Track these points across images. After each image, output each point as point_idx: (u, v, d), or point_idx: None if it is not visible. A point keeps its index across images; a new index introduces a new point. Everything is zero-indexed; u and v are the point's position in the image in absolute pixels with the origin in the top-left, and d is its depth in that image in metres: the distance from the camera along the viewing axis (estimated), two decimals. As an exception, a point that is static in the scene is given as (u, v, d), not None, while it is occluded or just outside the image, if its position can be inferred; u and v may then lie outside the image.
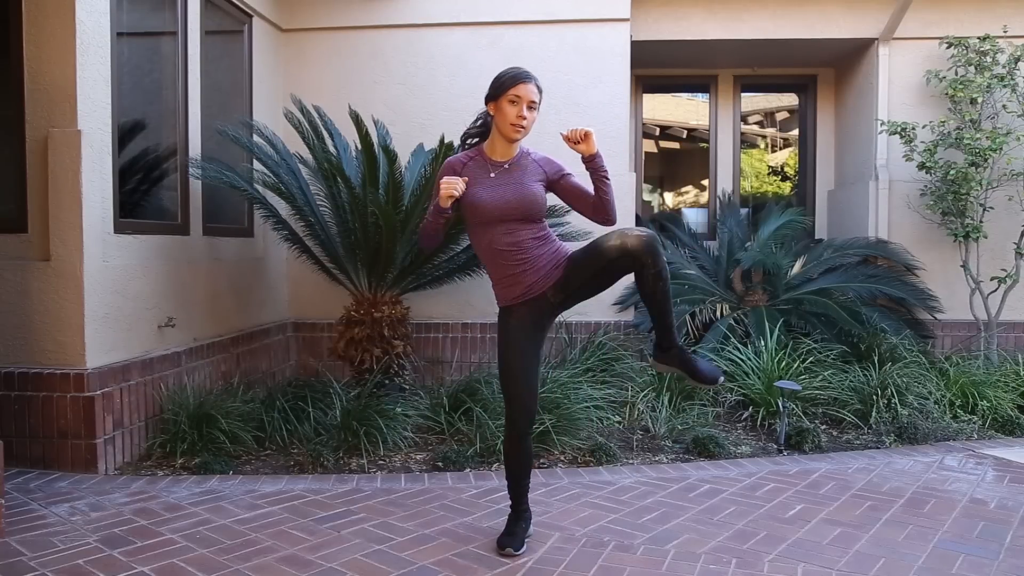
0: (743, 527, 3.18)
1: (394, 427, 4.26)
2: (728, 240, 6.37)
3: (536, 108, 2.85)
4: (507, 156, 2.90)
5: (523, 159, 2.92)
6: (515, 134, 2.83)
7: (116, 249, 4.01)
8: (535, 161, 2.93)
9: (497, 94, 2.84)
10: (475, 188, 2.84)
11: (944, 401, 4.82)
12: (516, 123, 2.80)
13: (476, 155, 2.93)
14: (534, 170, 2.90)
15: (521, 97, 2.80)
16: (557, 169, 2.93)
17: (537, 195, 2.85)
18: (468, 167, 2.90)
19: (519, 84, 2.81)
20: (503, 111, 2.82)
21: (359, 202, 4.60)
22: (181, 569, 2.75)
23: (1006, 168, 5.70)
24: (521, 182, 2.85)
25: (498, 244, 2.83)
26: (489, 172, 2.87)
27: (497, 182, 2.85)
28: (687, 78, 7.40)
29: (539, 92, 2.86)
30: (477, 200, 2.82)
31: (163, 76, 4.61)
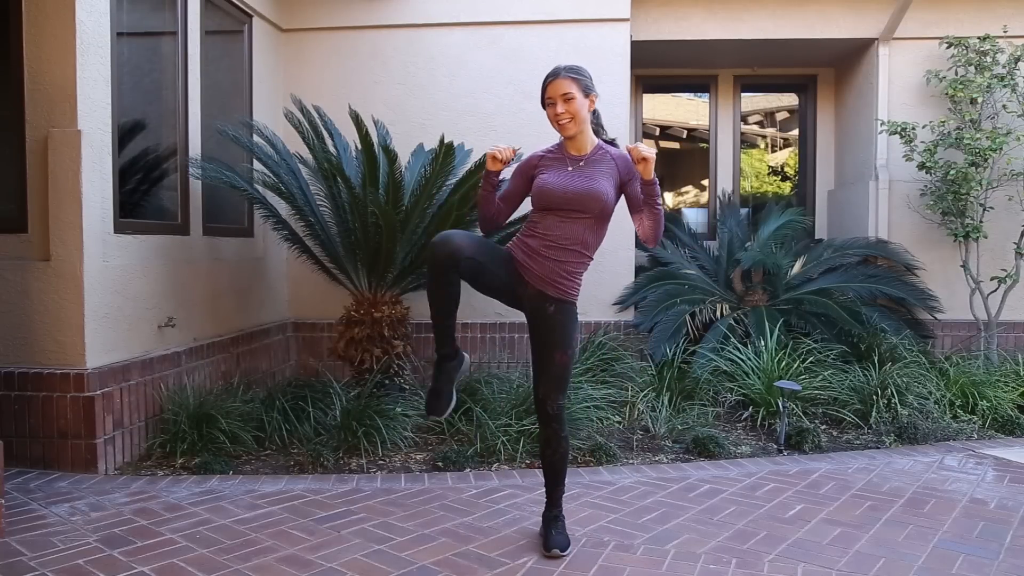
0: (743, 527, 3.18)
1: (394, 427, 4.26)
2: (728, 240, 6.37)
3: (574, 98, 2.84)
4: (580, 151, 2.93)
5: (601, 156, 2.93)
6: (563, 131, 2.89)
7: (116, 249, 4.01)
8: (613, 158, 2.93)
9: (542, 103, 2.93)
10: (548, 175, 2.89)
11: (944, 401, 4.82)
12: (557, 119, 2.86)
13: (556, 150, 2.98)
14: (609, 168, 2.90)
15: (552, 97, 2.86)
16: (630, 170, 2.91)
17: (604, 191, 2.85)
18: (546, 158, 2.96)
19: (547, 86, 2.89)
20: (548, 115, 2.91)
21: (359, 202, 4.60)
22: (181, 569, 2.76)
23: (1006, 168, 5.70)
24: (592, 177, 2.87)
25: (548, 228, 2.86)
26: (567, 166, 2.91)
27: (570, 174, 2.88)
28: (687, 78, 7.40)
29: (573, 81, 2.85)
30: (545, 184, 2.86)
31: (163, 76, 4.61)
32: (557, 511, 3.02)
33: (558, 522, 2.99)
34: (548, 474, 3.03)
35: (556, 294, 2.89)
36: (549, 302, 2.89)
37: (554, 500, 3.03)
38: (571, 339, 2.92)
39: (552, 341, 2.90)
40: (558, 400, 2.91)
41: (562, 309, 2.90)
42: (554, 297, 2.89)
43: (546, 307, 2.90)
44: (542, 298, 2.90)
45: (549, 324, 2.90)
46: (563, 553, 2.87)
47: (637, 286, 5.92)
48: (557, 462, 2.98)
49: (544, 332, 2.91)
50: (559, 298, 2.90)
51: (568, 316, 2.91)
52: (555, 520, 2.99)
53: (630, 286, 5.92)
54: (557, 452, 2.96)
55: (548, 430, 2.94)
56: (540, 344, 2.94)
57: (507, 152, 2.86)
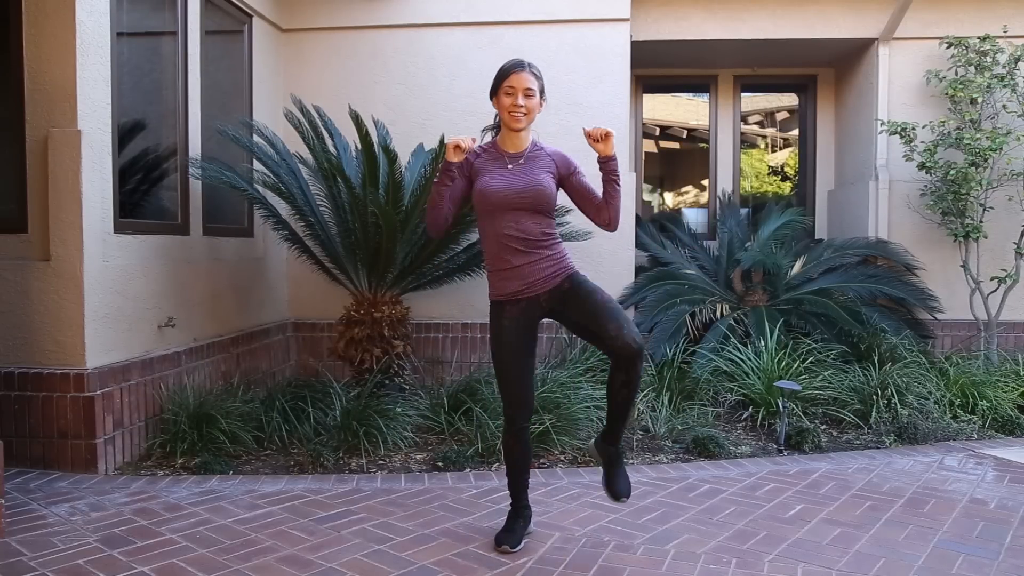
0: (743, 527, 3.18)
1: (394, 427, 4.26)
2: (728, 240, 6.37)
3: (534, 95, 2.86)
4: (519, 148, 2.93)
5: (536, 152, 2.94)
6: (514, 123, 2.87)
7: (116, 249, 4.01)
8: (548, 155, 2.95)
9: (495, 89, 2.92)
10: (487, 177, 2.88)
11: (944, 401, 4.82)
12: (512, 111, 2.85)
13: (490, 147, 2.98)
14: (546, 163, 2.92)
15: (515, 87, 2.85)
16: (569, 165, 2.96)
17: (546, 186, 2.86)
18: (481, 157, 2.95)
19: (511, 75, 2.87)
20: (501, 103, 2.89)
21: (359, 202, 4.60)
22: (181, 569, 2.75)
23: (1006, 168, 5.70)
24: (532, 173, 2.87)
25: (504, 233, 2.85)
26: (505, 163, 2.90)
27: (510, 172, 2.88)
28: (687, 78, 7.40)
29: (536, 79, 2.87)
30: (487, 187, 2.85)
31: (163, 76, 4.61)
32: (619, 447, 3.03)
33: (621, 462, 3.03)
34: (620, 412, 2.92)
35: (561, 280, 2.89)
36: (562, 287, 2.88)
37: (618, 435, 3.01)
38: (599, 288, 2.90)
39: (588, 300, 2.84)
40: (634, 330, 2.79)
41: (577, 280, 2.90)
42: (562, 283, 2.89)
43: (564, 291, 2.88)
44: (556, 291, 2.89)
45: (577, 297, 2.86)
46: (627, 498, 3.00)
47: (637, 286, 5.92)
48: (632, 399, 2.89)
49: (578, 304, 2.86)
50: (566, 278, 2.89)
51: (582, 280, 2.90)
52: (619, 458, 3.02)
53: (630, 286, 5.92)
54: (636, 391, 2.89)
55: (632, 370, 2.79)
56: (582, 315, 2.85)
57: (468, 141, 2.85)
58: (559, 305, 2.91)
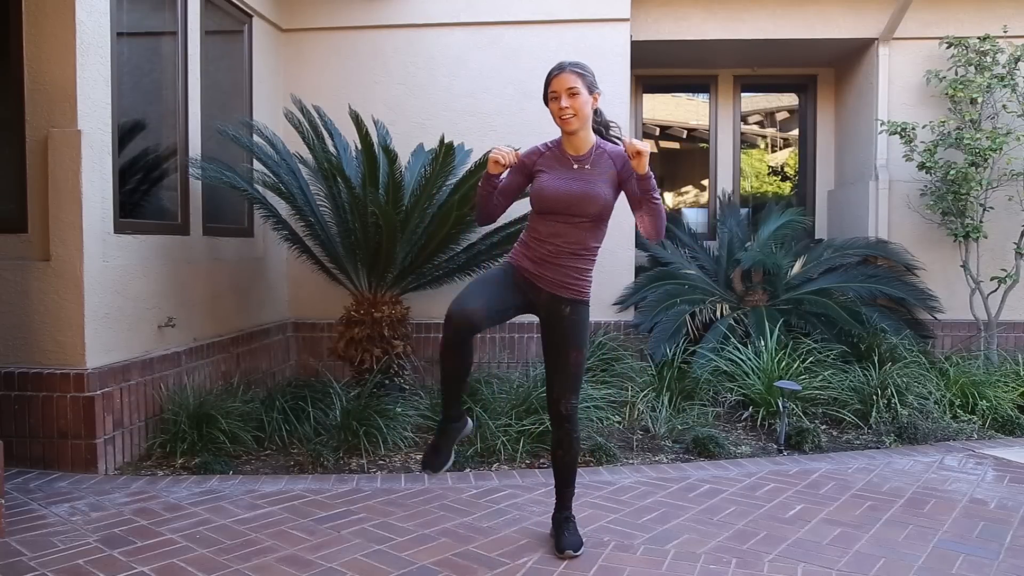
0: (743, 527, 3.18)
1: (394, 427, 4.26)
2: (728, 240, 6.37)
3: (579, 92, 2.80)
4: (579, 151, 2.88)
5: (599, 156, 2.88)
6: (565, 126, 2.83)
7: (116, 249, 4.01)
8: (609, 156, 2.89)
9: (544, 100, 2.90)
10: (547, 176, 2.85)
11: (944, 401, 4.82)
12: (561, 114, 2.81)
13: (555, 147, 2.93)
14: (606, 166, 2.86)
15: (557, 91, 2.81)
16: (628, 169, 2.85)
17: (602, 195, 2.82)
18: (545, 155, 2.92)
19: (551, 80, 2.84)
20: (551, 111, 2.87)
21: (359, 202, 4.60)
22: (181, 569, 2.75)
23: (1006, 168, 5.70)
24: (591, 180, 2.83)
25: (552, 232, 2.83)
26: (571, 165, 2.87)
27: (571, 176, 2.84)
28: (687, 78, 7.40)
29: (579, 76, 2.81)
30: (543, 189, 2.84)
31: (163, 76, 4.61)
32: (567, 512, 3.00)
33: (570, 523, 2.97)
34: (559, 475, 3.00)
35: (570, 295, 2.88)
36: (564, 304, 2.88)
37: (564, 502, 3.01)
38: (585, 338, 2.92)
39: (567, 341, 2.88)
40: (572, 400, 2.90)
41: (577, 309, 2.89)
42: (568, 299, 2.88)
43: (562, 309, 2.88)
44: (557, 301, 2.88)
45: (564, 325, 2.88)
46: (576, 553, 2.87)
47: (637, 286, 5.92)
48: (569, 463, 2.96)
49: (559, 333, 2.90)
50: (573, 299, 2.88)
51: (582, 316, 2.90)
52: (566, 521, 2.98)
53: (630, 286, 5.92)
54: (569, 453, 2.94)
55: (561, 431, 2.93)
56: (554, 345, 2.92)
57: (510, 156, 2.84)
58: (547, 313, 2.91)
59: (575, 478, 3.02)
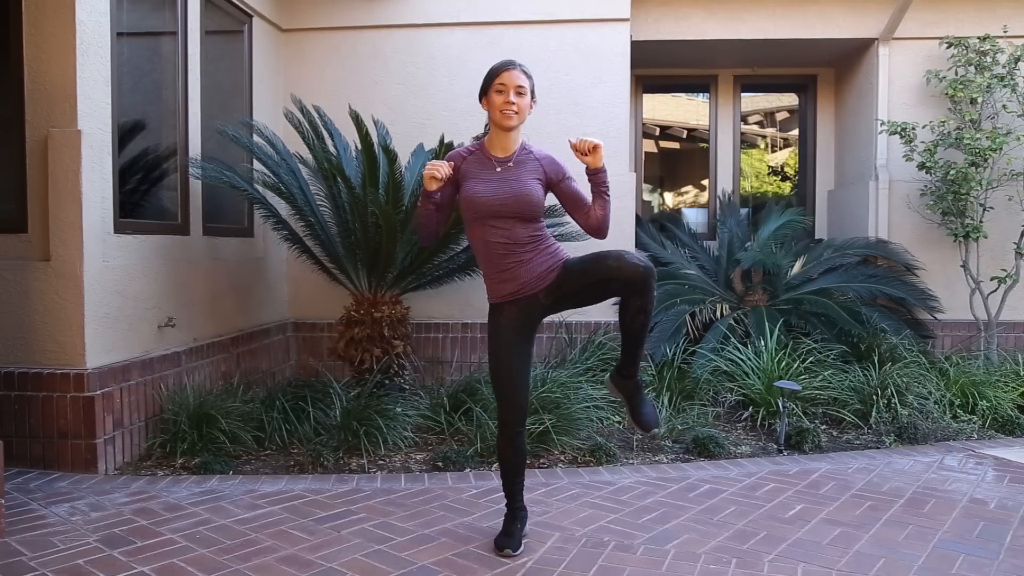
0: (743, 527, 3.18)
1: (394, 427, 4.26)
2: (728, 240, 6.37)
3: (526, 93, 2.82)
4: (507, 151, 2.86)
5: (525, 156, 2.88)
6: (506, 120, 2.81)
7: (116, 249, 4.01)
8: (537, 159, 2.89)
9: (485, 89, 2.87)
10: (473, 182, 2.82)
11: (944, 401, 4.82)
12: (504, 109, 2.80)
13: (477, 150, 2.91)
14: (534, 168, 2.86)
15: (506, 85, 2.81)
16: (559, 171, 2.89)
17: (533, 194, 2.81)
18: (468, 160, 2.89)
19: (501, 73, 2.83)
20: (492, 102, 2.84)
21: (359, 202, 4.60)
22: (181, 569, 2.76)
23: (1006, 168, 5.70)
24: (520, 180, 2.82)
25: (492, 240, 2.81)
26: (494, 167, 2.84)
27: (497, 177, 2.82)
28: (687, 78, 7.40)
29: (527, 77, 2.84)
30: (473, 194, 2.80)
31: (163, 76, 4.61)
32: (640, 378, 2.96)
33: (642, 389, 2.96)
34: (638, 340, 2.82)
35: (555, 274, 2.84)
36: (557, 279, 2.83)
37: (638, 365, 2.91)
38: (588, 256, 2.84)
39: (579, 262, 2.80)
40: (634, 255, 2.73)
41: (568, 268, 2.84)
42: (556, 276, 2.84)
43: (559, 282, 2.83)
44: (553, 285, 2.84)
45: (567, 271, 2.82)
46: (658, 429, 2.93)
47: (637, 286, 5.91)
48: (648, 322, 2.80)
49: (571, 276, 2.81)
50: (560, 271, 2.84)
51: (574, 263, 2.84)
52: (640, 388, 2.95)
53: (630, 286, 5.91)
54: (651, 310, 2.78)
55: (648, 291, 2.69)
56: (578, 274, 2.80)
57: (445, 169, 2.80)
58: (559, 292, 2.86)
59: None
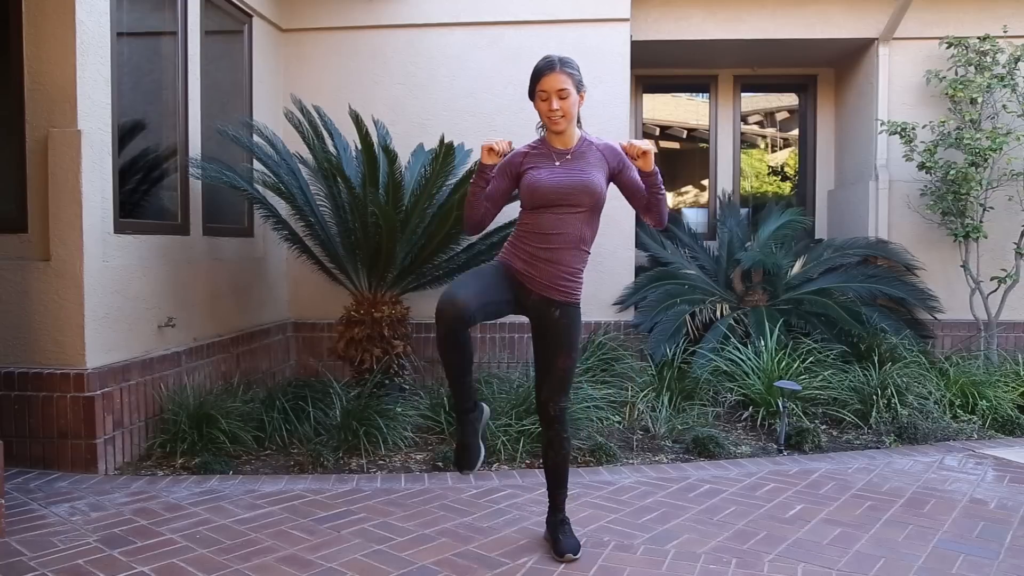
0: (743, 527, 3.18)
1: (394, 427, 4.26)
2: (728, 240, 6.37)
3: (569, 94, 2.77)
4: (567, 145, 2.87)
5: (586, 148, 2.88)
6: (554, 127, 2.82)
7: (116, 249, 4.01)
8: (598, 149, 2.89)
9: (531, 95, 2.86)
10: (536, 171, 2.83)
11: (944, 401, 4.82)
12: (549, 116, 2.80)
13: (539, 145, 2.92)
14: (597, 160, 2.86)
15: (547, 91, 2.77)
16: (620, 159, 2.88)
17: (596, 183, 2.81)
18: (530, 155, 2.89)
19: (541, 79, 2.79)
20: (539, 109, 2.84)
21: (359, 202, 4.60)
22: (181, 569, 2.76)
23: (1006, 168, 5.70)
24: (584, 170, 2.82)
25: (544, 224, 2.81)
26: (554, 160, 2.85)
27: (561, 167, 2.83)
28: (687, 78, 7.40)
29: (569, 76, 2.78)
30: (536, 182, 2.80)
31: (163, 76, 4.61)
32: (562, 515, 2.98)
33: (565, 526, 2.95)
34: (551, 477, 2.99)
35: (561, 298, 2.85)
36: (554, 307, 2.85)
37: (558, 504, 2.99)
38: (575, 342, 2.90)
39: (557, 345, 2.87)
40: (560, 402, 2.89)
41: (567, 313, 2.87)
42: (559, 301, 2.85)
43: (551, 312, 2.86)
44: (547, 304, 2.86)
45: (555, 329, 2.86)
46: (576, 556, 2.84)
47: (637, 286, 5.92)
48: (560, 464, 2.95)
49: (549, 336, 2.88)
50: (564, 302, 2.86)
51: (573, 319, 2.88)
52: (561, 524, 2.95)
53: (630, 286, 5.92)
54: (559, 454, 2.93)
55: (551, 432, 2.92)
56: (544, 347, 2.91)
57: (503, 144, 2.81)
58: (536, 316, 2.89)
59: (567, 480, 3.00)
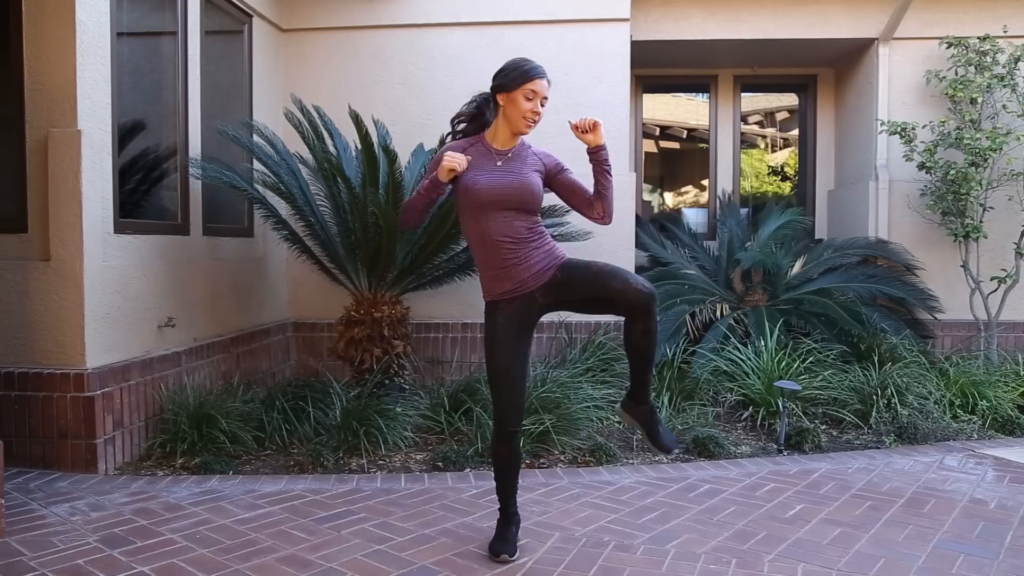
0: (743, 527, 3.18)
1: (394, 427, 4.26)
2: (728, 240, 6.37)
3: (546, 104, 2.83)
4: (508, 146, 2.87)
5: (524, 150, 2.89)
6: (527, 128, 2.82)
7: (116, 249, 4.01)
8: (535, 154, 2.91)
9: (511, 86, 2.79)
10: (474, 172, 2.80)
11: (944, 401, 4.82)
12: (530, 118, 2.79)
13: (477, 142, 2.90)
14: (534, 161, 2.87)
15: (537, 93, 2.78)
16: (555, 163, 2.92)
17: (534, 185, 2.81)
18: (469, 152, 2.87)
19: (536, 80, 2.78)
20: (517, 104, 2.78)
21: (359, 202, 4.60)
22: (181, 569, 2.76)
23: (1006, 168, 5.70)
24: (520, 171, 2.82)
25: (491, 233, 2.79)
26: (494, 160, 2.84)
27: (498, 169, 2.82)
28: (687, 78, 7.40)
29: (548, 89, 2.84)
30: (474, 184, 2.78)
31: (163, 76, 4.61)
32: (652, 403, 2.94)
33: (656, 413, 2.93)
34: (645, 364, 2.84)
35: (552, 269, 2.82)
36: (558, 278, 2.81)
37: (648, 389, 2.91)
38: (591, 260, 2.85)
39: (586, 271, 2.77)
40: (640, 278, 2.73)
41: (567, 266, 2.82)
42: (557, 274, 2.82)
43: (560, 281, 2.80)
44: (551, 285, 2.82)
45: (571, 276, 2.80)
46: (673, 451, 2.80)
47: (637, 286, 5.91)
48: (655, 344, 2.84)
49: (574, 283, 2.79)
50: (560, 267, 2.82)
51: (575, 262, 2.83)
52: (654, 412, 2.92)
53: (630, 286, 5.91)
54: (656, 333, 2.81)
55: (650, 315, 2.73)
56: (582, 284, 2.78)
57: (463, 162, 2.77)
58: (557, 294, 2.84)
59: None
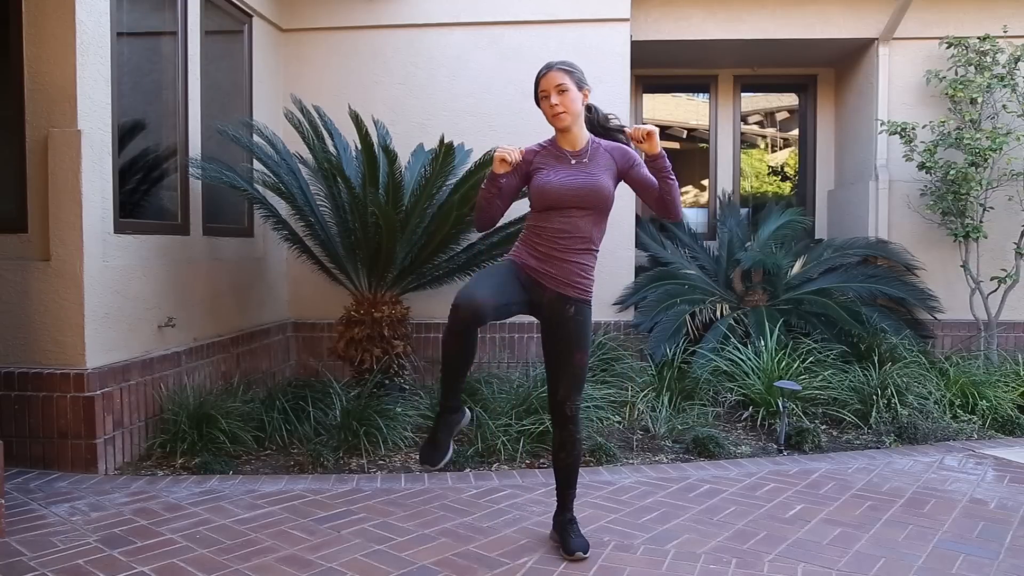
0: (743, 527, 3.18)
1: (394, 427, 4.27)
2: (728, 240, 6.37)
3: (567, 89, 2.83)
4: (575, 146, 2.90)
5: (595, 150, 2.91)
6: (558, 122, 2.85)
7: (116, 249, 4.01)
8: (606, 151, 2.91)
9: (535, 98, 2.91)
10: (547, 172, 2.85)
11: (944, 401, 4.82)
12: (552, 111, 2.84)
13: (549, 145, 2.94)
14: (606, 161, 2.89)
15: (546, 89, 2.84)
16: (628, 158, 2.91)
17: (604, 187, 2.84)
18: (541, 154, 2.91)
19: (539, 80, 2.88)
20: (543, 111, 2.89)
21: (359, 202, 4.60)
22: (181, 569, 2.76)
23: (1006, 168, 5.70)
24: (593, 173, 2.85)
25: (558, 229, 2.82)
26: (568, 160, 2.87)
27: (572, 170, 2.85)
28: (687, 78, 7.40)
29: (566, 73, 2.85)
30: (545, 183, 2.82)
31: (163, 76, 4.61)
32: (570, 515, 2.99)
33: (573, 525, 2.96)
34: (561, 477, 2.99)
35: (575, 294, 2.86)
36: (568, 304, 2.86)
37: (567, 503, 3.00)
38: (589, 339, 2.92)
39: (571, 342, 2.87)
40: (576, 401, 2.90)
41: (581, 309, 2.88)
42: (573, 298, 2.86)
43: (566, 309, 2.86)
44: (561, 301, 2.86)
45: (569, 326, 2.87)
46: (585, 555, 2.85)
47: (637, 286, 5.92)
48: (572, 464, 2.96)
49: (563, 334, 2.88)
50: (578, 298, 2.87)
51: (586, 316, 2.89)
52: (570, 523, 2.96)
53: (630, 286, 5.92)
54: (572, 454, 2.94)
55: (564, 432, 2.92)
56: (558, 345, 2.91)
57: (516, 154, 2.81)
58: (550, 313, 2.89)
59: (577, 480, 3.01)
